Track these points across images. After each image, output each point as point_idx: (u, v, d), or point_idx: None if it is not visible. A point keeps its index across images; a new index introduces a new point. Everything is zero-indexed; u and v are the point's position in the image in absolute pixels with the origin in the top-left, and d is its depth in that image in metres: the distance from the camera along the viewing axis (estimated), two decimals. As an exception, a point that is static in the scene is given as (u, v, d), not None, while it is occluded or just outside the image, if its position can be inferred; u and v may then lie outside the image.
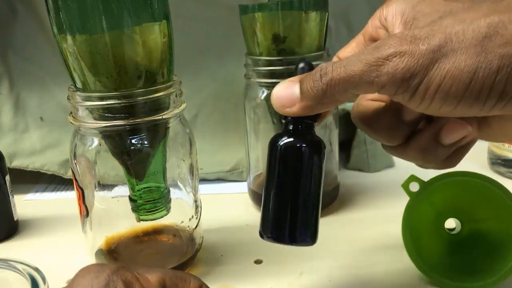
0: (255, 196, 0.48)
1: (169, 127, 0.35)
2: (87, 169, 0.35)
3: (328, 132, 0.46)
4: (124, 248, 0.38)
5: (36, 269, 0.28)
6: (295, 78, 0.26)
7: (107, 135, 0.33)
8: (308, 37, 0.41)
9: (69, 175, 0.54)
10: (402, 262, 0.37)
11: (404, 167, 0.56)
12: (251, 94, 0.46)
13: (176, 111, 0.34)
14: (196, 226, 0.38)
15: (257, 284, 0.36)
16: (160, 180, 0.35)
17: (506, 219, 0.34)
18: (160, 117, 0.33)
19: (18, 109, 0.55)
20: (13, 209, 0.45)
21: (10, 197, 0.44)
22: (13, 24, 0.57)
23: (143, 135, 0.33)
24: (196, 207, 0.38)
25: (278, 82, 0.44)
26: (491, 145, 0.53)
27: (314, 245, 0.41)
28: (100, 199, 0.36)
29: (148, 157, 0.34)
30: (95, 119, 0.32)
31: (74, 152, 0.35)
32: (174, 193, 0.37)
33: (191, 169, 0.37)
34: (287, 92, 0.25)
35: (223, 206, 0.49)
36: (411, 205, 0.35)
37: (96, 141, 0.34)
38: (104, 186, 0.36)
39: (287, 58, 0.42)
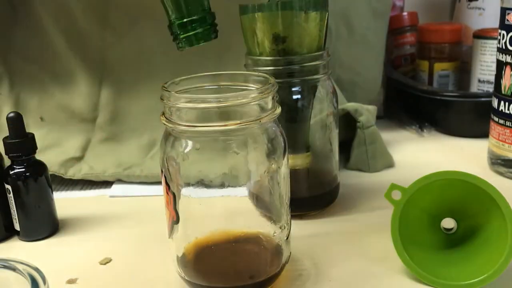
0: (256, 198, 0.47)
1: None
2: (178, 173, 0.33)
3: (328, 132, 0.46)
4: (208, 255, 0.36)
5: (36, 269, 0.28)
6: None
7: None
8: (308, 37, 0.42)
9: (69, 175, 0.54)
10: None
11: (404, 167, 0.56)
12: (251, 94, 0.45)
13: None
14: (287, 237, 0.36)
15: (257, 284, 0.36)
16: (203, 4, 0.40)
17: (494, 211, 0.34)
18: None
19: (18, 109, 0.55)
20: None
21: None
22: (13, 24, 0.57)
23: None
24: (287, 214, 0.36)
25: (278, 82, 0.44)
26: (491, 145, 0.53)
27: (314, 245, 0.41)
28: (186, 203, 0.34)
29: None
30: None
31: (167, 156, 0.33)
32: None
33: (284, 174, 0.35)
34: None
35: (223, 206, 0.49)
36: (397, 213, 0.35)
37: (190, 144, 0.32)
38: (191, 189, 0.34)
39: (287, 58, 0.42)
